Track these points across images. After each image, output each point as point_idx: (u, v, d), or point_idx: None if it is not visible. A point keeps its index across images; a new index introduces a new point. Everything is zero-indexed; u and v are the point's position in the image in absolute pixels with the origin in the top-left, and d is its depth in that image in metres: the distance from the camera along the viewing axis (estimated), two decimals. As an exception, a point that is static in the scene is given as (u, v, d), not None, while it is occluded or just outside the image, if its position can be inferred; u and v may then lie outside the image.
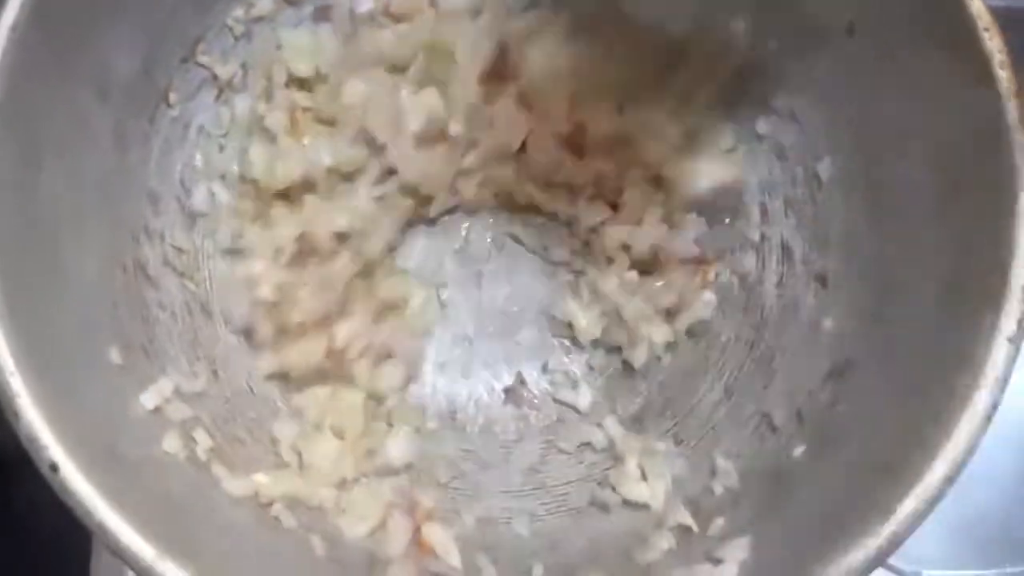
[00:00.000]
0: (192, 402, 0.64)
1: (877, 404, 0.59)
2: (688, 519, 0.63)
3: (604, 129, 0.73)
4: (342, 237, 0.70)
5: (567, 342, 0.76)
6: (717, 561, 0.58)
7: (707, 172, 0.74)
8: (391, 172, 0.72)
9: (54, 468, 0.49)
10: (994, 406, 0.52)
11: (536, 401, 0.75)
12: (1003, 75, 0.57)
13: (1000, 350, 0.53)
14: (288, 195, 0.72)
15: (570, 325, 0.74)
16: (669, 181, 0.73)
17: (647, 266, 0.71)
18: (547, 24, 0.72)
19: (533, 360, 0.76)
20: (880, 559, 0.50)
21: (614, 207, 0.73)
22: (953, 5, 0.58)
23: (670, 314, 0.72)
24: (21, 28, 0.56)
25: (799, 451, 0.62)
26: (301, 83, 0.73)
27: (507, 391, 0.75)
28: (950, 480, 0.50)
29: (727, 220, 0.75)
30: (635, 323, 0.70)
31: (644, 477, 0.66)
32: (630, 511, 0.67)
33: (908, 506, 0.50)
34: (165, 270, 0.68)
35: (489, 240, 0.77)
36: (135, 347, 0.62)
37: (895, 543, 0.50)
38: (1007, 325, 0.53)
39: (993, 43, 0.58)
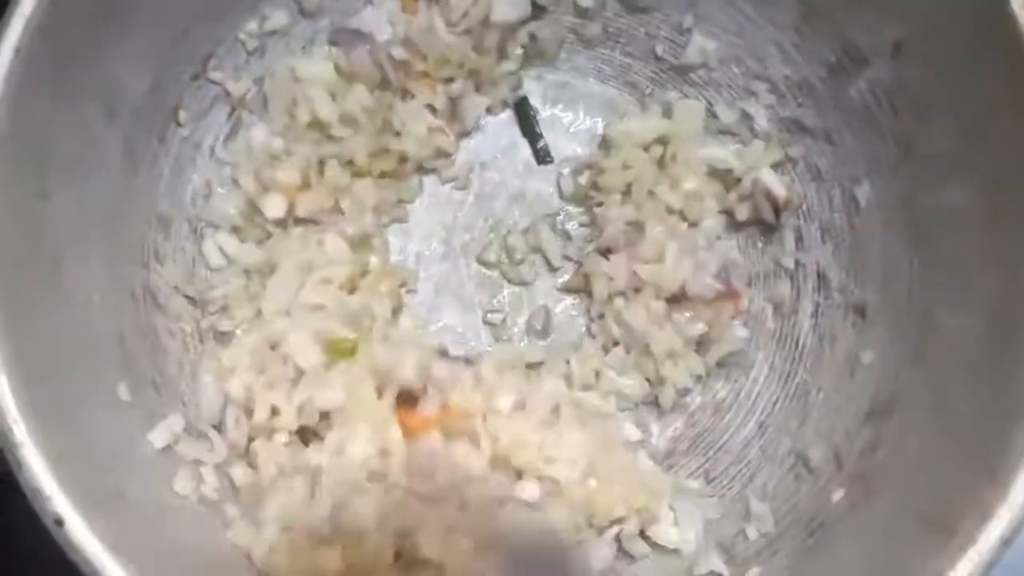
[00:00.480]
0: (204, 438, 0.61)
1: (923, 451, 0.56)
2: (721, 566, 0.60)
3: None
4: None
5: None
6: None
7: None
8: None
9: (59, 522, 0.46)
10: (1056, 463, 0.48)
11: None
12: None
13: (1063, 399, 0.50)
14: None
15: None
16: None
17: (675, 296, 0.68)
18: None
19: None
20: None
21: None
22: (1009, 30, 0.55)
23: (701, 345, 0.69)
24: (26, 49, 0.53)
25: (838, 496, 0.59)
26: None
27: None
28: (1007, 543, 0.47)
29: (759, 244, 0.73)
30: (663, 357, 0.67)
31: (676, 521, 0.63)
32: (659, 556, 0.64)
33: (962, 570, 0.47)
34: (176, 297, 0.66)
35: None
36: (144, 381, 0.60)
37: (947, 609, 0.47)
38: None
39: (1045, 69, 0.55)
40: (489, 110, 0.75)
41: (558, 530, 0.60)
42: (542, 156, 0.75)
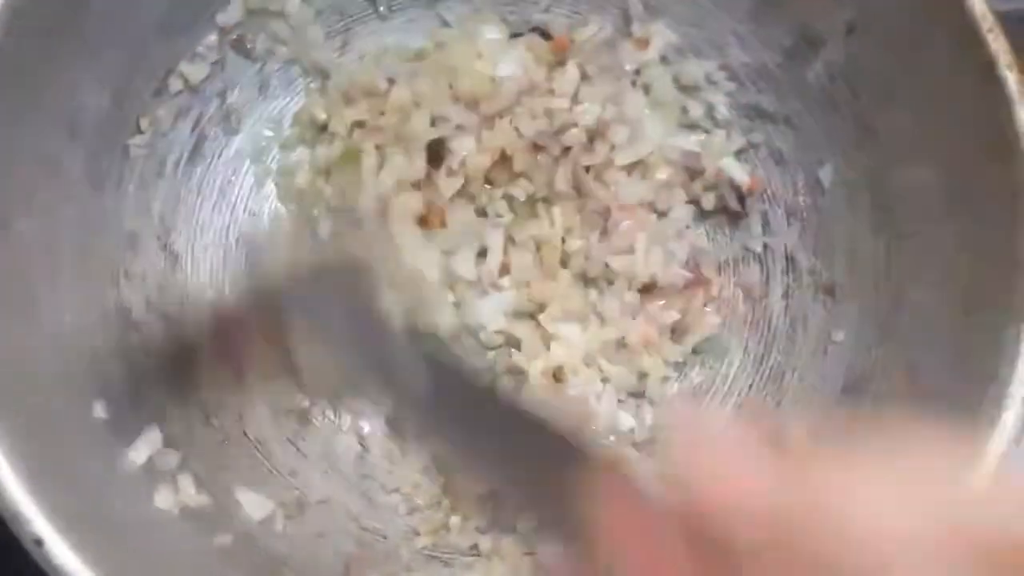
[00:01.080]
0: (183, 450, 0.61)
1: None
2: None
3: None
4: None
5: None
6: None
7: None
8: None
9: (38, 543, 0.46)
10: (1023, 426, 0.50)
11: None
12: (1010, 77, 0.56)
13: (1026, 366, 0.51)
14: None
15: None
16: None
17: (646, 287, 0.69)
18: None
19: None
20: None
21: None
22: (954, 6, 0.57)
23: (675, 332, 0.70)
24: (-15, 71, 0.53)
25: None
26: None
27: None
28: (981, 507, 0.48)
29: (727, 230, 0.73)
30: (639, 348, 0.67)
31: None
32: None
33: (939, 537, 0.47)
34: (149, 314, 0.65)
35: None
36: (120, 398, 0.59)
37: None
38: (1032, 338, 0.51)
39: (998, 44, 0.56)
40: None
41: None
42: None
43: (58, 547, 0.46)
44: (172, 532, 0.56)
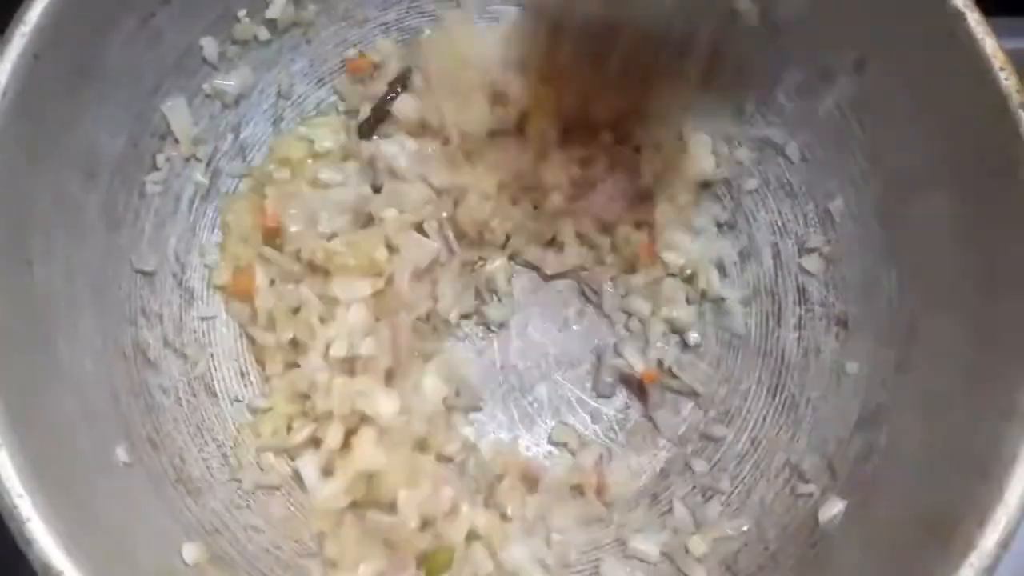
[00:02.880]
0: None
1: (915, 457, 0.57)
2: (726, 583, 0.61)
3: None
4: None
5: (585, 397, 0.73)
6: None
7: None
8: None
9: (73, 597, 0.46)
10: (1049, 460, 0.50)
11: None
12: (1022, 114, 0.56)
13: (1047, 399, 0.51)
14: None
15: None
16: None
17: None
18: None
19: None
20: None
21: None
22: (967, 44, 0.57)
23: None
24: (6, 115, 0.53)
25: (835, 507, 0.60)
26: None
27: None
28: (1005, 545, 0.48)
29: (737, 263, 0.74)
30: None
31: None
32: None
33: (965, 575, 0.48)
34: (166, 352, 0.65)
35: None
36: (141, 440, 0.59)
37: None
38: (1051, 371, 0.51)
39: (1010, 83, 0.57)
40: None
41: None
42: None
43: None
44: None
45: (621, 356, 0.72)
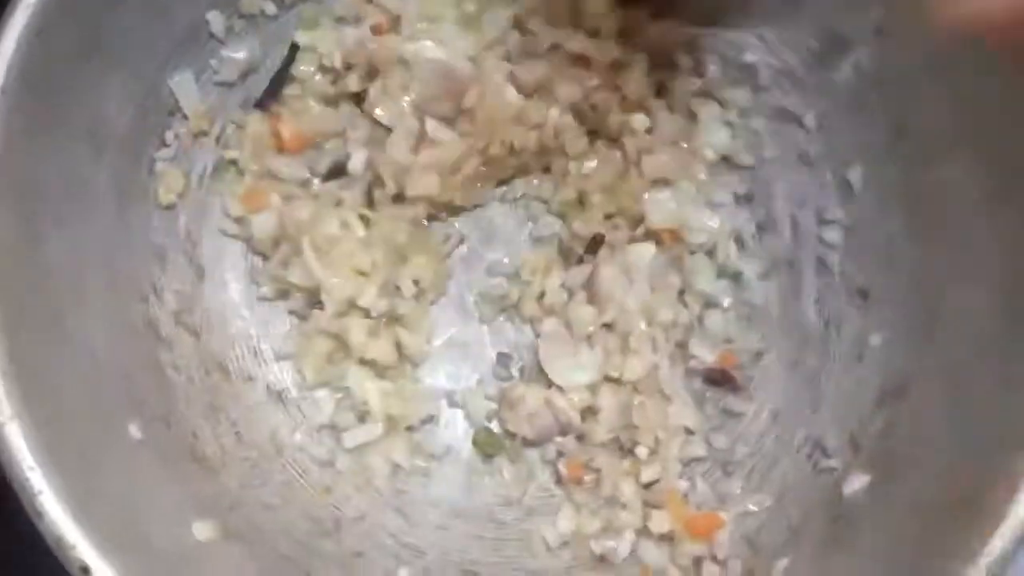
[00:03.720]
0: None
1: (940, 430, 0.56)
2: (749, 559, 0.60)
3: None
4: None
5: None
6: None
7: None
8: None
9: (85, 570, 0.45)
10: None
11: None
12: (1050, 74, 0.55)
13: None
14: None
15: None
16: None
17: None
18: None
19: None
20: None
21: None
22: (992, 4, 0.56)
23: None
24: (12, 92, 0.53)
25: (859, 482, 0.59)
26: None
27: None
28: (1038, 515, 0.47)
29: (756, 235, 0.73)
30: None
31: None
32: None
33: (995, 547, 0.47)
34: (178, 329, 0.65)
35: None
36: (155, 417, 0.59)
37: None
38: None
39: (1037, 42, 0.55)
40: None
41: None
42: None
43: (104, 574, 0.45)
44: (213, 559, 0.55)
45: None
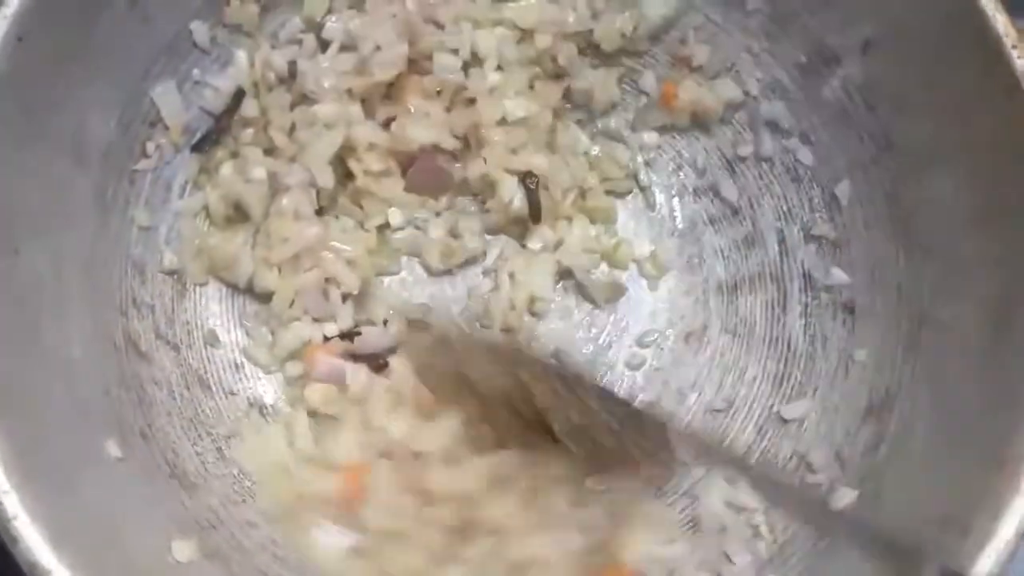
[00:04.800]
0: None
1: (926, 446, 0.56)
2: (737, 577, 0.60)
3: None
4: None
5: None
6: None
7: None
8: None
9: (61, 595, 0.44)
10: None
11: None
12: (1036, 93, 0.55)
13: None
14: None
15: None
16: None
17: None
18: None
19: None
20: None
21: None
22: (978, 23, 0.56)
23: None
24: (-8, 100, 0.52)
25: (846, 498, 0.59)
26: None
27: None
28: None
29: (742, 249, 0.72)
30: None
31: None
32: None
33: (982, 567, 0.47)
34: (158, 343, 0.64)
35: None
36: (134, 434, 0.58)
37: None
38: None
39: (1022, 61, 0.55)
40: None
41: None
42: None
43: (81, 599, 0.44)
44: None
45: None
